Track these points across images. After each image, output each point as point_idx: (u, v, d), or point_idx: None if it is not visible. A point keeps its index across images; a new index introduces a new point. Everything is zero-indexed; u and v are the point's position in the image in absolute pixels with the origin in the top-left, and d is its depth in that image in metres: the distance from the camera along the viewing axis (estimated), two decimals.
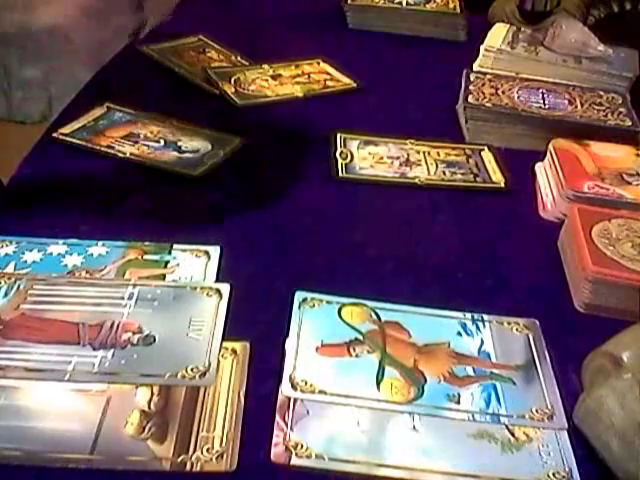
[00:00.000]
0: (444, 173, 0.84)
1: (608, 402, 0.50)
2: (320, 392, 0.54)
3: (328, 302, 0.62)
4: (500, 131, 0.92)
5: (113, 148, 0.82)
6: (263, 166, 0.84)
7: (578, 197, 0.76)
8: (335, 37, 1.23)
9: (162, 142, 0.84)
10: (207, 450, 0.49)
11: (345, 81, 1.05)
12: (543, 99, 0.96)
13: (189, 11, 1.25)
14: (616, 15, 1.33)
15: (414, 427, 0.52)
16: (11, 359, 0.54)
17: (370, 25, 1.26)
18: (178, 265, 0.66)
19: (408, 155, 0.87)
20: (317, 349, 0.57)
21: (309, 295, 0.62)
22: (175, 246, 0.68)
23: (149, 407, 0.52)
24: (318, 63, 1.08)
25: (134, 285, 0.62)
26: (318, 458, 0.49)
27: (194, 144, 0.84)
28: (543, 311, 0.64)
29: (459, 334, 0.61)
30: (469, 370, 0.57)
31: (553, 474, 0.50)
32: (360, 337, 0.59)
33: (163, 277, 0.64)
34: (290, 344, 0.58)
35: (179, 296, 0.61)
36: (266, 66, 1.04)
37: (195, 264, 0.66)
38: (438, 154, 0.88)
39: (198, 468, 0.48)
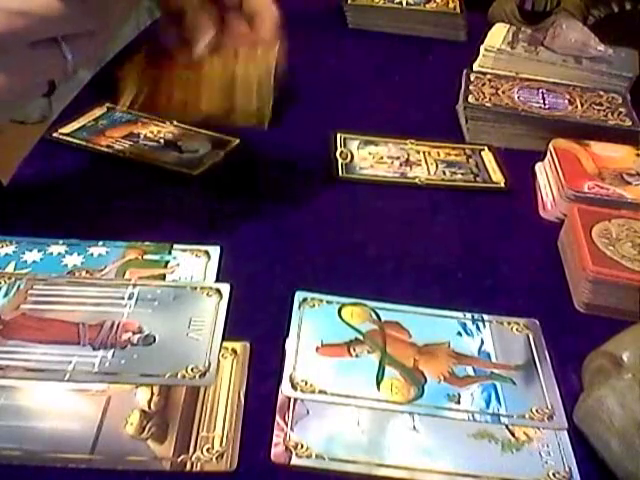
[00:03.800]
0: (444, 173, 0.84)
1: (608, 402, 0.50)
2: (320, 392, 0.54)
3: (328, 302, 0.62)
4: (500, 131, 0.92)
5: (113, 148, 0.82)
6: (263, 166, 0.84)
7: (578, 197, 0.76)
8: (335, 37, 1.23)
9: (162, 142, 0.84)
10: (207, 450, 0.49)
11: None
12: (543, 99, 0.96)
13: None
14: (616, 15, 1.33)
15: (414, 427, 0.52)
16: (11, 359, 0.54)
17: (370, 25, 1.26)
18: (178, 265, 0.65)
19: (408, 155, 0.87)
20: (317, 349, 0.57)
21: (309, 295, 0.62)
22: (175, 246, 0.68)
23: (149, 407, 0.52)
24: None
25: (134, 285, 0.62)
26: (318, 458, 0.49)
27: (194, 144, 0.84)
28: (543, 311, 0.64)
29: (459, 334, 0.61)
30: (469, 370, 0.57)
31: (553, 474, 0.50)
32: (360, 337, 0.59)
33: (163, 277, 0.64)
34: (290, 344, 0.58)
35: (179, 296, 0.61)
36: None
37: (195, 264, 0.66)
38: (438, 154, 0.88)
39: (198, 468, 0.48)
